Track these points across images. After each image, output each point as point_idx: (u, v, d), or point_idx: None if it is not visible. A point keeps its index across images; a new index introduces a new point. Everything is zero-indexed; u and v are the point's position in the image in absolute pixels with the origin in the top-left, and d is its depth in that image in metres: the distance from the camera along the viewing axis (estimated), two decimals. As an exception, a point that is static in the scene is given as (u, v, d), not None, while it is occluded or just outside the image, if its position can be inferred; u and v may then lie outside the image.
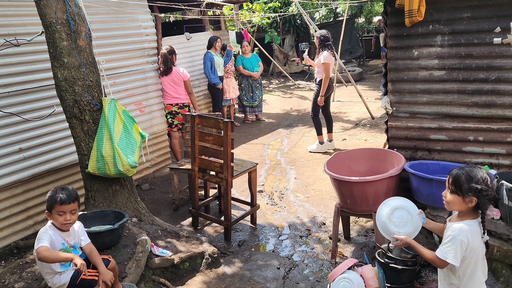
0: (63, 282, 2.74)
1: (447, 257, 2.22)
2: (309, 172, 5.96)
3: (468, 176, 2.24)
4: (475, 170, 2.26)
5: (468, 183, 2.23)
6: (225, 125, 3.89)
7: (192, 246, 3.83)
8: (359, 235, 4.20)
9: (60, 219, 2.67)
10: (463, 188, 2.24)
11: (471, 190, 2.22)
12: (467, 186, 2.23)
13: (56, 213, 2.66)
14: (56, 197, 2.65)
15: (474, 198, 2.22)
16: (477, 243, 2.26)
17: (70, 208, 2.68)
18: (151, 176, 5.98)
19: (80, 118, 3.66)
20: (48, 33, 3.46)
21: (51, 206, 2.66)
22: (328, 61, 6.25)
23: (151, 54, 5.80)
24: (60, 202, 2.64)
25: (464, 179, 2.24)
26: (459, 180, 2.27)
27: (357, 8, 17.44)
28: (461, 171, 2.29)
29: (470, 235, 2.22)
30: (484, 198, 2.21)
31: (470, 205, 2.24)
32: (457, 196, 2.28)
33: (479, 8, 3.24)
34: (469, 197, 2.23)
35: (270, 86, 13.63)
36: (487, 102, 3.37)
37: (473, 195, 2.22)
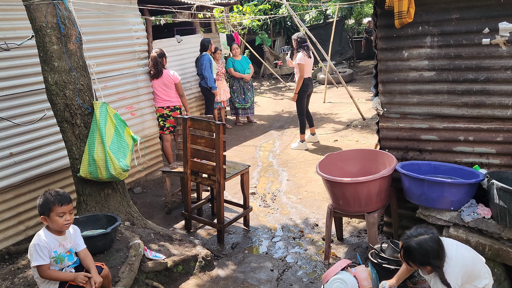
0: (53, 286, 2.73)
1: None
2: (301, 174, 5.97)
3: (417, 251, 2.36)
4: (424, 243, 2.35)
5: (418, 259, 2.38)
6: (217, 127, 3.88)
7: (185, 249, 3.82)
8: (352, 236, 4.22)
9: (60, 220, 2.66)
10: (415, 263, 2.41)
11: (423, 264, 2.39)
12: (418, 261, 2.39)
13: (56, 215, 2.64)
14: (54, 199, 2.64)
15: (428, 267, 2.39)
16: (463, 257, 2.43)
17: (69, 208, 2.70)
18: (144, 179, 5.96)
19: (71, 122, 3.64)
20: (38, 37, 3.44)
21: (49, 210, 2.64)
22: (302, 62, 6.61)
23: (142, 57, 5.79)
24: (60, 203, 2.64)
25: (416, 255, 2.38)
26: (410, 254, 2.41)
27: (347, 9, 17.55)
28: (410, 244, 2.38)
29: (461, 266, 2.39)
30: (436, 267, 2.36)
31: (428, 271, 2.42)
32: (411, 267, 2.47)
33: (468, 9, 3.28)
34: (423, 267, 2.41)
35: (261, 88, 13.65)
36: (476, 102, 3.40)
37: (427, 266, 2.39)
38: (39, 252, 2.61)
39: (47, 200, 2.64)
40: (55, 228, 2.70)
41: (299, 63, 6.58)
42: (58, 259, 2.72)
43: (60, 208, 2.64)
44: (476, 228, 3.06)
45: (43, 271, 2.64)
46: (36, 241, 2.64)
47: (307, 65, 6.69)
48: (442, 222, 3.23)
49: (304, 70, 6.62)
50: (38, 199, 2.69)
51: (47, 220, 2.67)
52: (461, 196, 3.16)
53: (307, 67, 6.68)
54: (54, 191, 2.70)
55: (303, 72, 6.61)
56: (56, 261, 2.72)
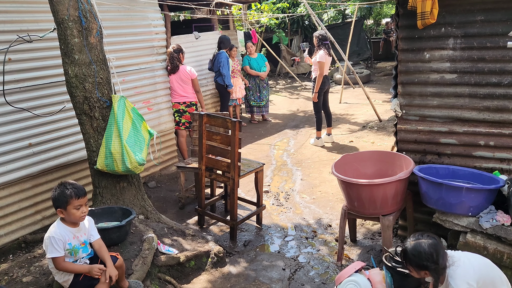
0: (67, 277, 2.76)
1: None
2: (316, 174, 5.94)
3: (412, 254, 2.37)
4: (419, 246, 2.36)
5: (414, 262, 2.37)
6: (233, 124, 3.88)
7: (198, 245, 3.83)
8: (365, 238, 4.18)
9: (77, 213, 2.69)
10: (412, 266, 2.40)
11: (419, 267, 2.37)
12: (414, 263, 2.38)
13: (74, 207, 2.67)
14: (71, 192, 2.66)
15: (426, 271, 2.37)
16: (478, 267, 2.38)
17: (85, 200, 2.75)
18: (158, 174, 5.99)
19: (90, 115, 3.68)
20: (60, 30, 3.48)
21: (66, 203, 2.66)
22: (323, 60, 6.59)
23: (160, 52, 5.82)
24: (77, 196, 2.67)
25: (411, 257, 2.38)
26: (406, 257, 2.42)
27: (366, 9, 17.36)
28: (407, 248, 2.40)
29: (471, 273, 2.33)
30: (433, 271, 2.34)
31: (426, 276, 2.40)
32: (411, 271, 2.44)
33: (493, 11, 3.21)
34: (421, 271, 2.39)
35: (277, 86, 13.61)
36: (499, 107, 3.33)
37: (424, 270, 2.37)
38: (54, 244, 2.65)
39: (63, 193, 2.66)
40: (72, 220, 2.73)
41: (319, 61, 6.57)
42: (72, 251, 2.76)
43: (77, 201, 2.67)
44: (494, 235, 2.99)
45: (58, 263, 2.68)
46: (51, 234, 2.67)
47: (327, 63, 6.69)
48: (459, 227, 3.17)
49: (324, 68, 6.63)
50: (53, 192, 2.70)
51: (63, 212, 2.70)
52: (480, 202, 3.10)
53: (326, 65, 6.69)
54: (70, 184, 2.71)
55: (323, 70, 6.62)
56: (70, 253, 2.75)
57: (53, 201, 2.71)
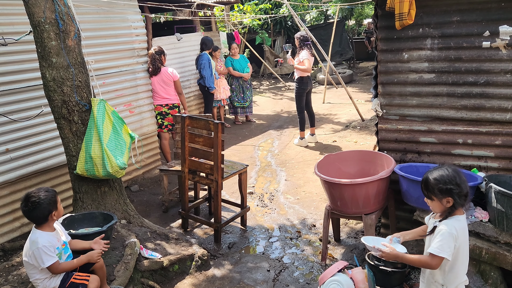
0: (52, 286, 2.72)
1: (441, 252, 2.24)
2: (300, 174, 5.96)
3: (435, 179, 2.29)
4: (442, 171, 2.30)
5: (437, 186, 2.28)
6: (215, 126, 3.87)
7: (181, 249, 3.80)
8: (349, 237, 4.20)
9: (61, 206, 2.77)
10: (435, 192, 2.30)
11: (442, 192, 2.27)
12: (437, 189, 2.28)
13: (59, 203, 2.74)
14: (52, 191, 2.72)
15: (449, 198, 2.27)
16: (464, 239, 2.30)
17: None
18: (141, 177, 5.93)
19: (69, 119, 3.62)
20: (36, 33, 3.41)
21: (56, 202, 2.70)
22: (307, 58, 6.66)
23: (141, 54, 5.76)
24: (57, 192, 2.77)
25: (433, 183, 2.30)
26: (428, 184, 2.33)
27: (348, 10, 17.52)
28: (428, 175, 2.34)
29: (460, 229, 2.27)
30: (457, 196, 2.25)
31: (448, 205, 2.29)
32: (434, 200, 2.33)
33: (469, 12, 3.27)
34: (444, 198, 2.28)
35: (260, 87, 13.63)
36: (476, 105, 3.39)
37: (447, 196, 2.27)
38: (47, 252, 2.62)
39: (48, 196, 2.66)
40: (60, 216, 2.79)
41: (303, 59, 6.64)
42: (60, 254, 2.74)
43: (57, 196, 2.76)
44: (473, 231, 3.04)
45: (56, 268, 2.67)
46: (39, 244, 2.61)
47: (310, 62, 6.75)
48: (439, 225, 3.21)
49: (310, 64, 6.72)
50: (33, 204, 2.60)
51: (55, 214, 2.70)
52: (459, 199, 3.14)
53: (311, 63, 6.76)
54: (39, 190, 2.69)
55: (310, 66, 6.69)
56: (60, 257, 2.73)
57: (40, 211, 2.63)
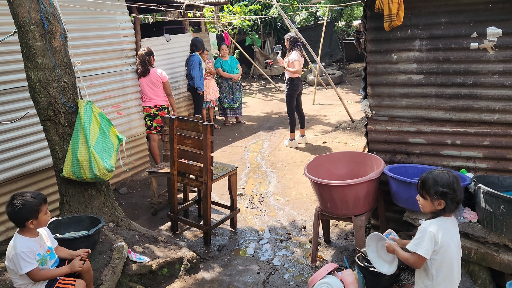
0: None
1: (417, 248, 2.29)
2: (290, 175, 5.95)
3: (434, 180, 2.32)
4: (442, 174, 2.34)
5: (434, 187, 2.31)
6: (204, 128, 3.83)
7: (170, 252, 3.76)
8: (339, 239, 4.20)
9: (47, 217, 2.68)
10: (430, 192, 2.32)
11: (437, 194, 2.30)
12: (433, 189, 2.31)
13: (44, 213, 2.64)
14: (39, 199, 2.62)
15: (442, 201, 2.30)
16: (447, 240, 2.30)
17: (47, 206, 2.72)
18: (129, 179, 5.87)
19: (55, 121, 3.55)
20: (21, 33, 3.35)
21: (38, 211, 2.60)
22: (297, 59, 6.67)
23: (129, 55, 5.70)
24: (45, 201, 2.67)
25: (431, 183, 2.33)
26: (425, 184, 2.35)
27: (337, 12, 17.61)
28: (428, 175, 2.37)
29: (440, 229, 2.29)
30: (450, 200, 2.29)
31: (439, 207, 2.32)
32: (426, 200, 2.36)
33: (456, 13, 3.28)
34: (436, 200, 2.31)
35: (251, 88, 13.61)
36: (464, 106, 3.41)
37: (440, 198, 2.30)
38: (26, 258, 2.55)
39: (31, 203, 2.57)
40: (42, 226, 2.70)
41: (293, 60, 6.63)
42: (42, 260, 2.67)
43: (45, 206, 2.65)
44: (462, 232, 3.05)
45: (35, 275, 2.59)
46: (17, 250, 2.55)
47: (300, 63, 6.75)
48: (429, 225, 3.22)
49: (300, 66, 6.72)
50: (14, 208, 2.54)
51: (33, 223, 2.60)
52: (448, 200, 3.15)
53: (301, 65, 6.76)
54: (27, 193, 2.63)
55: (300, 67, 6.69)
56: (41, 263, 2.66)
57: (18, 216, 2.56)
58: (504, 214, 2.79)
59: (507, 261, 2.86)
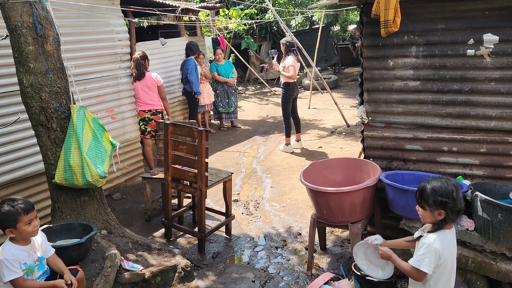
0: None
1: (421, 265, 2.23)
2: (285, 181, 5.91)
3: (432, 189, 2.26)
4: (440, 183, 2.26)
5: (433, 197, 2.24)
6: (199, 133, 3.79)
7: (164, 259, 3.70)
8: (335, 246, 4.16)
9: (29, 228, 2.55)
10: (429, 202, 2.26)
11: (436, 203, 2.23)
12: (432, 199, 2.24)
13: (24, 224, 2.53)
14: (18, 209, 2.51)
15: (441, 211, 2.24)
16: (449, 253, 2.26)
17: (35, 214, 2.61)
18: (123, 185, 5.80)
19: (47, 126, 3.49)
20: (13, 37, 3.29)
21: (15, 221, 2.50)
22: (293, 64, 6.64)
23: (124, 59, 5.65)
24: (26, 212, 2.53)
25: (429, 193, 2.26)
26: (424, 193, 2.29)
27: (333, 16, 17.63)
28: (426, 184, 2.30)
29: (444, 244, 2.23)
30: (450, 210, 2.22)
31: (439, 218, 2.25)
32: (426, 210, 2.29)
33: (453, 20, 3.27)
34: (436, 210, 2.25)
35: (246, 92, 13.58)
36: (460, 113, 3.39)
37: (440, 208, 2.23)
38: (9, 266, 2.48)
39: (9, 212, 2.49)
40: (24, 237, 2.58)
41: (289, 65, 6.61)
42: (28, 270, 2.59)
43: (27, 216, 2.53)
44: (459, 240, 3.02)
45: (19, 284, 2.52)
46: (2, 257, 2.49)
47: (296, 68, 6.72)
48: (425, 233, 3.18)
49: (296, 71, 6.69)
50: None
51: (13, 232, 2.54)
52: (445, 207, 3.12)
53: (296, 70, 6.73)
54: (13, 200, 2.56)
55: (295, 72, 6.66)
56: (27, 274, 2.59)
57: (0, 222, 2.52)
58: (502, 222, 2.76)
59: (504, 270, 2.83)
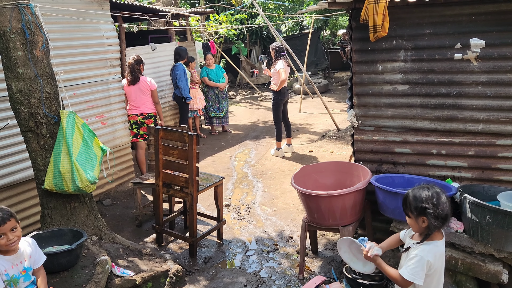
0: None
1: (415, 278, 2.18)
2: (277, 185, 5.92)
3: (413, 196, 2.23)
4: (421, 190, 2.23)
5: (414, 203, 2.21)
6: (190, 138, 3.79)
7: (155, 265, 3.68)
8: (326, 249, 4.17)
9: (2, 242, 2.42)
10: (412, 209, 2.23)
11: (417, 210, 2.20)
12: (413, 206, 2.21)
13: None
14: None
15: (424, 218, 2.19)
16: (439, 264, 2.25)
17: (8, 227, 2.42)
18: (114, 190, 5.76)
19: (36, 132, 3.47)
20: (1, 43, 3.27)
21: None
22: (283, 68, 6.64)
23: (114, 64, 5.63)
24: (3, 221, 2.38)
25: (411, 200, 2.24)
26: (407, 201, 2.27)
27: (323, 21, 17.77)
28: (410, 192, 2.28)
29: (436, 256, 2.22)
30: (431, 216, 2.17)
31: (423, 225, 2.21)
32: (411, 218, 2.26)
33: (440, 24, 3.32)
34: (419, 217, 2.21)
35: (237, 97, 13.60)
36: (449, 116, 3.44)
37: (422, 215, 2.19)
38: None
39: None
40: (2, 246, 2.45)
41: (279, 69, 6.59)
42: (11, 281, 2.50)
43: (5, 225, 2.39)
44: (448, 242, 3.06)
45: None
46: None
47: (286, 72, 6.71)
48: (416, 236, 3.21)
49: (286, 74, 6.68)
50: None
51: None
52: (434, 210, 3.15)
53: (286, 74, 6.72)
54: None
55: (286, 75, 6.65)
56: (9, 284, 2.49)
57: None
58: (490, 224, 2.80)
59: (493, 271, 2.86)
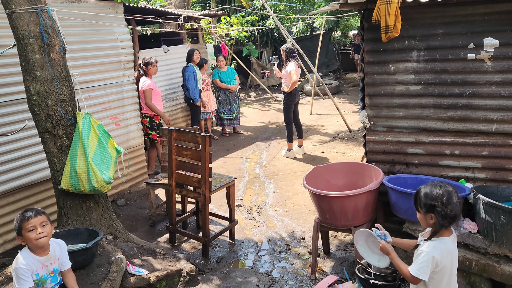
0: None
1: (420, 274, 2.21)
2: (288, 186, 5.93)
3: (424, 193, 2.25)
4: (433, 187, 2.25)
5: (424, 200, 2.24)
6: (203, 139, 3.83)
7: (169, 264, 3.73)
8: (338, 250, 4.18)
9: (32, 235, 2.54)
10: (421, 205, 2.26)
11: (425, 207, 2.22)
12: (423, 203, 2.24)
13: (27, 231, 2.53)
14: (21, 216, 2.56)
15: (432, 215, 2.21)
16: (448, 261, 2.25)
17: (39, 220, 2.56)
18: (127, 191, 5.84)
19: (53, 133, 3.54)
20: (20, 46, 3.36)
21: (20, 228, 2.54)
22: (294, 69, 6.65)
23: (127, 67, 5.72)
24: (26, 218, 2.53)
25: (422, 196, 2.26)
26: (417, 197, 2.29)
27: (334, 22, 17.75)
28: (421, 188, 2.30)
29: (443, 253, 2.22)
30: (439, 215, 2.18)
31: (431, 222, 2.23)
32: (420, 213, 2.29)
33: (453, 24, 3.32)
34: (427, 213, 2.23)
35: (248, 99, 13.64)
36: (462, 117, 3.42)
37: (430, 212, 2.21)
38: (20, 276, 2.52)
39: (16, 219, 2.56)
40: (32, 245, 2.59)
41: (291, 70, 6.61)
42: (39, 281, 2.62)
43: (28, 222, 2.53)
44: (462, 243, 3.05)
45: None
46: (18, 265, 2.53)
47: (297, 73, 6.73)
48: (429, 236, 3.21)
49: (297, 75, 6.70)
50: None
51: (23, 239, 2.57)
52: (447, 210, 3.14)
53: (298, 75, 6.74)
54: (25, 209, 2.60)
55: (297, 77, 6.67)
56: (37, 284, 2.61)
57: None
58: (505, 225, 2.79)
59: (508, 272, 2.85)
